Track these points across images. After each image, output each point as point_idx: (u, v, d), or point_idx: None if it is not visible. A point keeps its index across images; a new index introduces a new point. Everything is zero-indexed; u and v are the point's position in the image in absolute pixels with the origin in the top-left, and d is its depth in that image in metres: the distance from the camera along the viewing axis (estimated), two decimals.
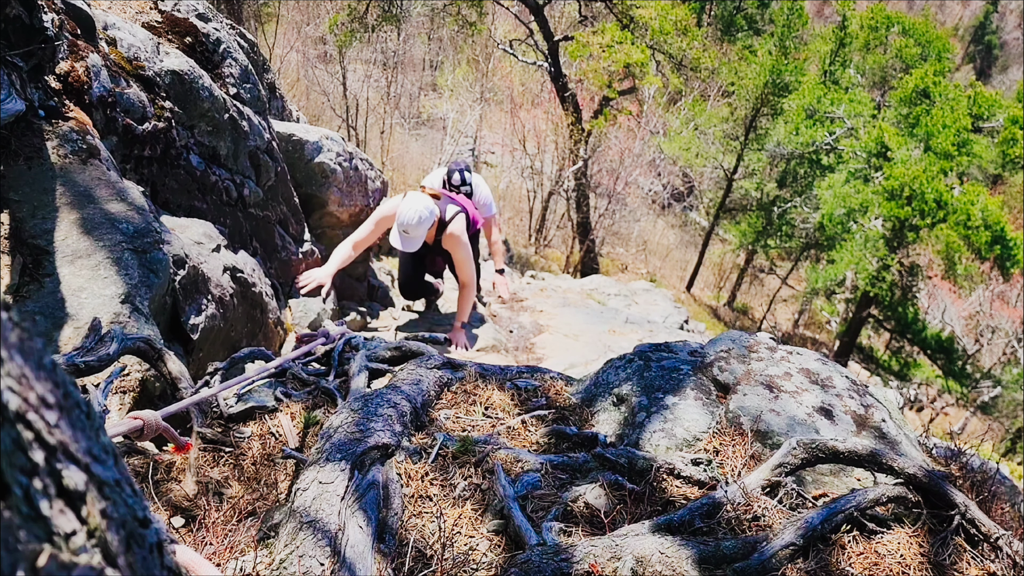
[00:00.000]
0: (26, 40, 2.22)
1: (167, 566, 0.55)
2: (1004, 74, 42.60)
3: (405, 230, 3.74)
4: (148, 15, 3.70)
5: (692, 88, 18.55)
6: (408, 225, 3.73)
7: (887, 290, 13.99)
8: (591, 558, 1.30)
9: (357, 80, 14.81)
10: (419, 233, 3.75)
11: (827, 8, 33.47)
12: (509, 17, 14.92)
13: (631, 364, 2.24)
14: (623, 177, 15.89)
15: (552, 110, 14.92)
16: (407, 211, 3.73)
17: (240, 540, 1.37)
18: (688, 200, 23.74)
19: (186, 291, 2.60)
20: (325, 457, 1.43)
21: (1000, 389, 16.67)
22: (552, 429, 1.92)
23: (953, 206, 12.77)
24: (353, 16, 13.00)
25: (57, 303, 1.89)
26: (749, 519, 1.48)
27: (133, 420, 1.38)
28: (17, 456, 0.38)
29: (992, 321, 19.30)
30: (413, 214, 3.70)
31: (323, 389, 2.01)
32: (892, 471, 1.52)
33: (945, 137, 13.32)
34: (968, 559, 1.41)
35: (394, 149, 14.84)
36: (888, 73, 19.82)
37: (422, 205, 3.73)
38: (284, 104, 6.09)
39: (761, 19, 23.10)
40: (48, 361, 0.46)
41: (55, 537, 0.38)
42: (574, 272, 14.06)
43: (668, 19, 11.83)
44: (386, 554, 1.32)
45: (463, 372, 2.18)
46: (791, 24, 16.85)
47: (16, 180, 2.06)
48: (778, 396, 1.92)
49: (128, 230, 2.20)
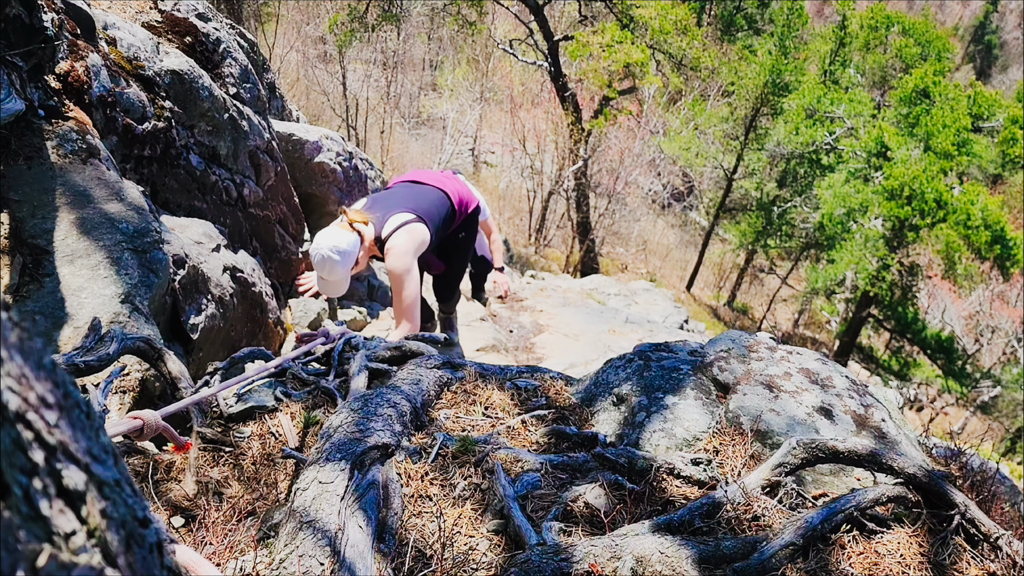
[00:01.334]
0: (26, 40, 2.22)
1: (167, 566, 0.55)
2: (1004, 74, 42.61)
3: (321, 276, 2.89)
4: (148, 15, 3.70)
5: (692, 88, 18.55)
6: (319, 269, 2.87)
7: (887, 290, 14.00)
8: (591, 558, 1.30)
9: (357, 80, 14.82)
10: (337, 277, 2.86)
11: (827, 8, 33.46)
12: (509, 17, 14.92)
13: (631, 364, 2.25)
14: (623, 177, 15.90)
15: (552, 110, 14.92)
16: (313, 254, 2.86)
17: (240, 540, 1.37)
18: (688, 200, 23.75)
19: (186, 291, 2.60)
20: (325, 457, 1.43)
21: (1000, 389, 16.68)
22: (552, 429, 1.92)
23: (953, 206, 12.78)
24: (353, 16, 13.01)
25: (57, 303, 1.89)
26: (749, 519, 1.48)
27: (133, 420, 1.38)
28: (17, 456, 0.38)
29: (992, 321, 19.32)
30: (316, 255, 2.83)
31: (323, 389, 2.01)
32: (892, 471, 1.52)
33: (945, 137, 13.33)
34: (968, 559, 1.41)
35: (394, 149, 14.84)
36: (888, 73, 19.83)
37: (329, 243, 2.80)
38: (284, 104, 6.09)
39: (761, 19, 23.10)
40: (48, 361, 0.46)
41: (55, 537, 0.38)
42: (574, 272, 14.07)
43: (668, 19, 11.83)
44: (386, 554, 1.32)
45: (463, 372, 2.18)
46: (791, 24, 16.85)
47: (16, 180, 2.06)
48: (778, 396, 1.92)
49: (128, 230, 2.20)
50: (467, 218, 3.55)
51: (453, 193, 3.34)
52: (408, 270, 2.94)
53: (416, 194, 3.18)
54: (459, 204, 3.38)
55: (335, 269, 2.84)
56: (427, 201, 3.16)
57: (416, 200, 3.12)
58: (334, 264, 2.82)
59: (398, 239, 2.96)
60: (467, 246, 3.67)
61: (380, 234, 2.99)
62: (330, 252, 2.80)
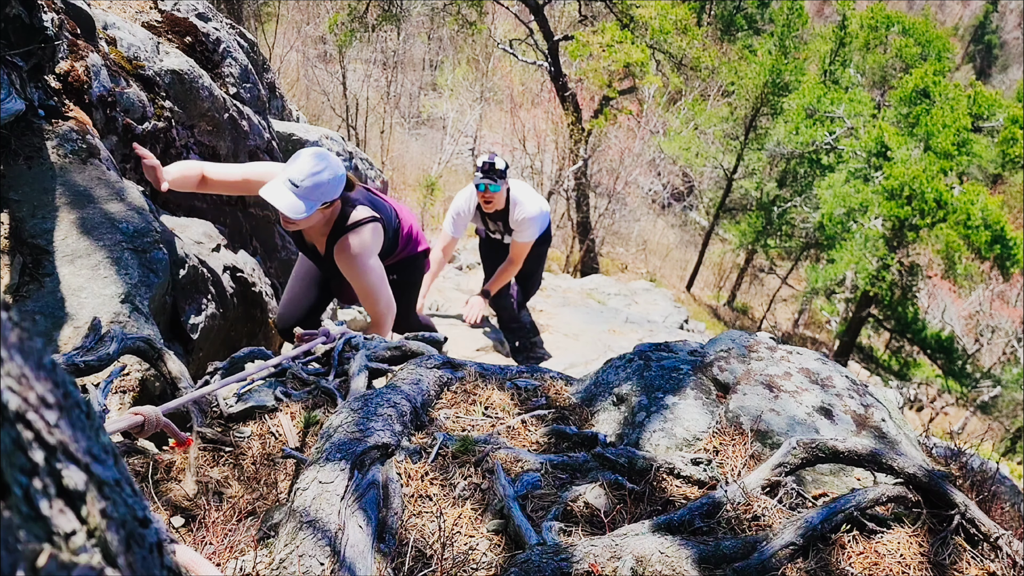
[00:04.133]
0: (26, 40, 2.22)
1: (167, 566, 0.55)
2: (1004, 74, 42.60)
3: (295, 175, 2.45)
4: (148, 15, 3.70)
5: (692, 88, 18.54)
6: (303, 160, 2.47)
7: (887, 289, 14.00)
8: (591, 557, 1.30)
9: (357, 80, 14.82)
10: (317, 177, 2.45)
11: (827, 8, 33.46)
12: (509, 17, 14.92)
13: (631, 364, 2.25)
14: (623, 177, 15.89)
15: (552, 110, 14.91)
16: (308, 149, 2.58)
17: (240, 540, 1.37)
18: (688, 200, 23.74)
19: (186, 291, 2.60)
20: (325, 457, 1.43)
21: (1000, 389, 16.68)
22: (552, 429, 1.92)
23: (953, 206, 12.77)
24: (353, 16, 13.01)
25: (57, 303, 1.89)
26: (749, 519, 1.48)
27: (134, 416, 1.38)
28: (17, 456, 0.38)
29: (992, 321, 19.31)
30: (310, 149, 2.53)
31: (323, 389, 2.01)
32: (892, 471, 1.52)
33: (945, 137, 13.32)
34: (968, 559, 1.41)
35: (394, 149, 14.84)
36: (888, 73, 19.82)
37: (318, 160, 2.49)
38: (284, 104, 6.09)
39: (761, 19, 23.10)
40: (48, 361, 0.46)
41: (55, 537, 0.38)
42: (574, 272, 14.06)
43: (668, 18, 11.83)
44: (386, 553, 1.32)
45: (463, 372, 2.18)
46: (791, 24, 16.84)
47: (16, 180, 2.06)
48: (778, 396, 1.92)
49: (128, 230, 2.20)
50: (410, 259, 3.09)
51: (406, 220, 3.04)
52: (370, 269, 2.65)
53: (372, 199, 2.87)
54: (407, 233, 3.00)
55: (320, 182, 2.42)
56: (384, 211, 2.86)
57: (374, 203, 2.82)
58: (324, 160, 2.44)
59: (363, 237, 2.64)
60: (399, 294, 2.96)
61: (347, 217, 2.64)
62: (335, 169, 2.48)
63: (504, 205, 4.15)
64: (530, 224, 4.13)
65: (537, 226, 4.18)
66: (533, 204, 4.15)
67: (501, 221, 4.30)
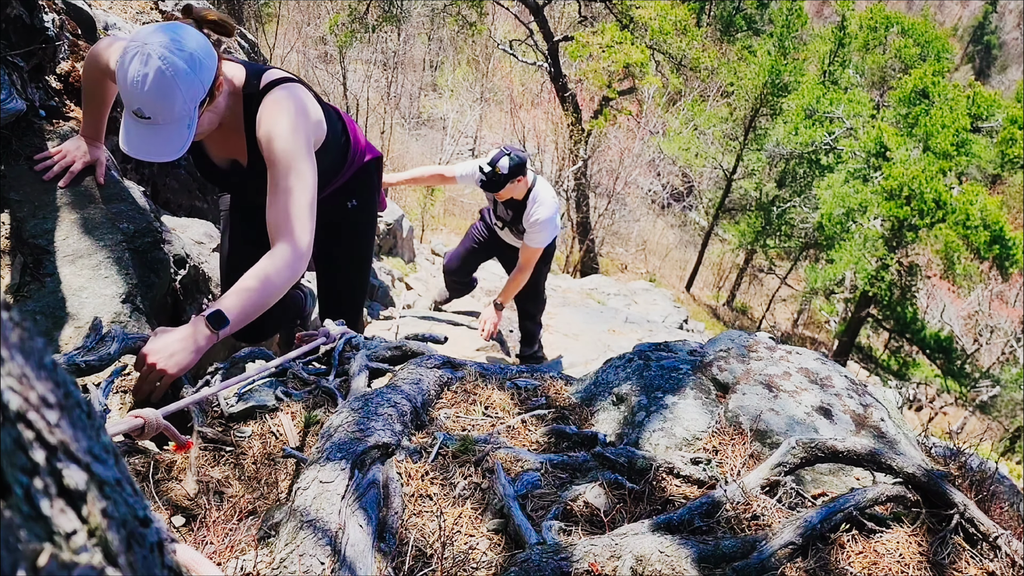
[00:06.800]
0: (27, 40, 2.22)
1: (168, 565, 0.55)
2: (1003, 74, 42.63)
3: (134, 111, 1.63)
4: (148, 15, 3.70)
5: (692, 88, 18.55)
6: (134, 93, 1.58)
7: (886, 290, 14.01)
8: (591, 557, 1.30)
9: (357, 80, 14.82)
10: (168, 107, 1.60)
11: (827, 8, 33.47)
12: (509, 17, 14.92)
13: (631, 363, 2.25)
14: (623, 177, 15.90)
15: (552, 110, 14.92)
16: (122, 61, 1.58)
17: (241, 539, 1.37)
18: (687, 200, 23.74)
19: (187, 291, 2.60)
20: (325, 456, 1.43)
21: (999, 389, 16.69)
22: (552, 428, 1.92)
23: (952, 206, 12.79)
24: (353, 16, 13.02)
25: (58, 302, 1.90)
26: (748, 518, 1.49)
27: (134, 418, 1.38)
28: (18, 456, 0.38)
29: (991, 321, 19.32)
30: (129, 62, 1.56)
31: (324, 388, 2.01)
32: (891, 470, 1.53)
33: (944, 137, 13.34)
34: (967, 558, 1.41)
35: (394, 149, 14.84)
36: (887, 73, 19.84)
37: (159, 39, 1.57)
38: None
39: (760, 19, 23.11)
40: (49, 360, 0.47)
41: (56, 536, 0.38)
42: (574, 272, 14.07)
43: (668, 19, 11.84)
44: (386, 553, 1.32)
45: (463, 372, 2.18)
46: (790, 24, 16.86)
47: (17, 180, 2.06)
48: (777, 395, 1.93)
49: (128, 230, 2.20)
50: (360, 171, 2.39)
51: (348, 120, 2.35)
52: (300, 146, 1.79)
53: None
54: (356, 142, 2.33)
55: (170, 89, 1.55)
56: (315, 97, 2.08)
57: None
58: (169, 80, 1.54)
59: (278, 95, 1.83)
60: (364, 231, 2.44)
61: (252, 83, 1.87)
62: (165, 50, 1.53)
63: (522, 198, 3.77)
64: (543, 228, 3.78)
65: (550, 232, 3.86)
66: (550, 208, 3.80)
67: (512, 212, 3.89)
